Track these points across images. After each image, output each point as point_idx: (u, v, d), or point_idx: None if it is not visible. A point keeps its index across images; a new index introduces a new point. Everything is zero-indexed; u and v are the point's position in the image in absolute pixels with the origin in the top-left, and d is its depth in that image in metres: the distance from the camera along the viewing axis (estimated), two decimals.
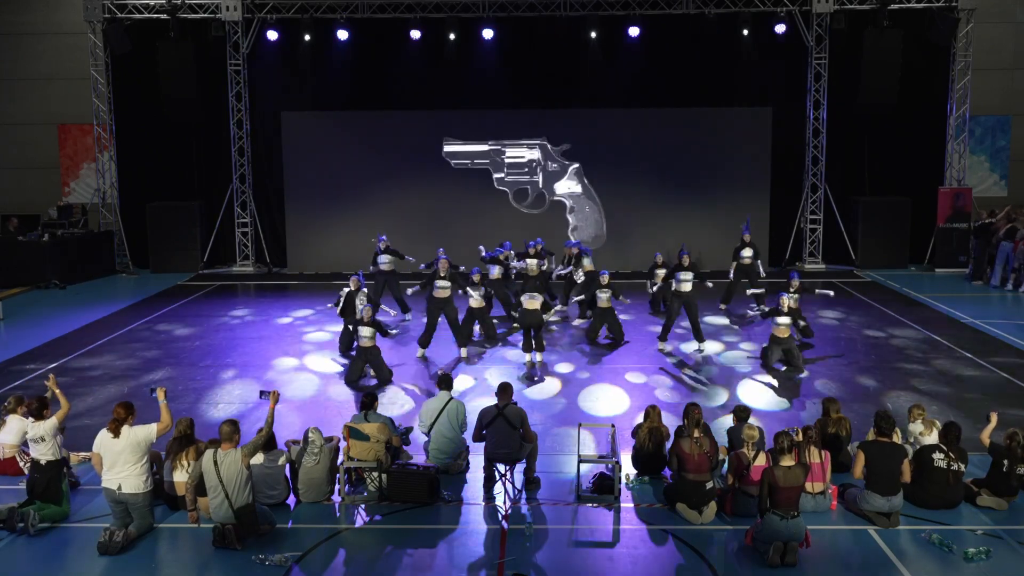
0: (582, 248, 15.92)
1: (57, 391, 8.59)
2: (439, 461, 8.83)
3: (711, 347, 13.63)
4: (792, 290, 12.75)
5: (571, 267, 15.53)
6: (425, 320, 13.56)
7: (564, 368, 12.68)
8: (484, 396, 11.01)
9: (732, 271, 16.02)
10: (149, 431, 7.65)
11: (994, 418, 8.63)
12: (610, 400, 11.30)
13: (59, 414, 8.32)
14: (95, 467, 7.74)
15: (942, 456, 7.99)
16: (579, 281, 14.84)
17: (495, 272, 15.05)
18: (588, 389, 11.74)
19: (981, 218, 19.16)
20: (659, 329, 13.98)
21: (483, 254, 15.53)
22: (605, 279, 13.84)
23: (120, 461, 7.51)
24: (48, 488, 7.94)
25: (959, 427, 8.20)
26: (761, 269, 16.02)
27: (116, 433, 7.55)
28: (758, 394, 11.47)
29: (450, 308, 13.36)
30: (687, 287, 13.44)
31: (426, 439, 9.11)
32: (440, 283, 13.38)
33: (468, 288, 13.50)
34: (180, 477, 8.03)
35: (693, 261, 13.99)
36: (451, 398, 9.12)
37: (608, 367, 12.76)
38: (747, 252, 15.94)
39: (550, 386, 11.89)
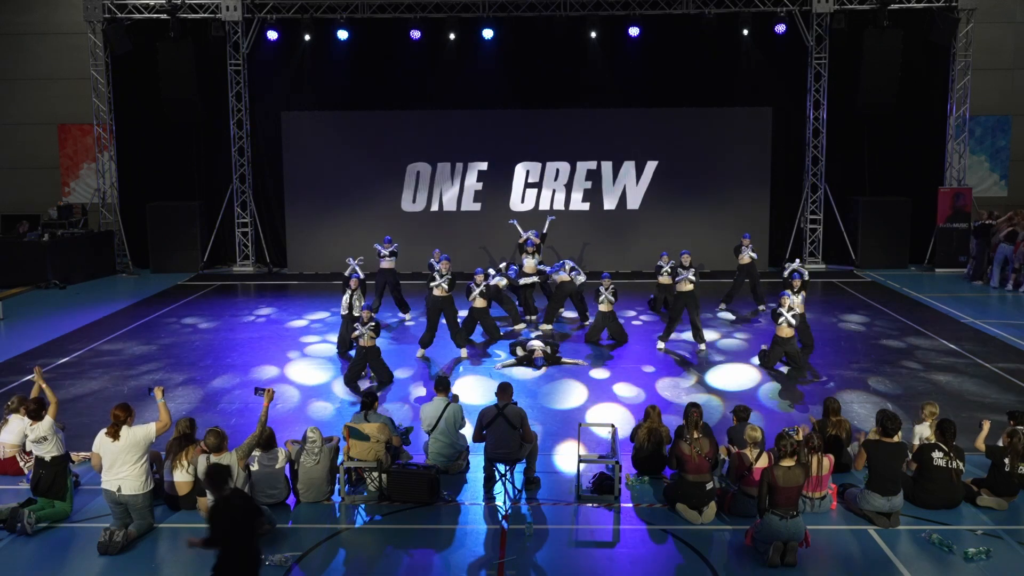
0: (551, 270, 15.73)
1: (44, 385, 8.58)
2: (438, 463, 8.83)
3: (717, 353, 13.63)
4: (795, 290, 12.72)
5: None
6: (425, 320, 13.57)
7: (568, 371, 12.69)
8: (488, 395, 11.03)
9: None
10: (148, 431, 7.64)
11: (986, 426, 8.62)
12: (612, 400, 11.31)
13: (50, 411, 8.29)
14: (95, 468, 7.74)
15: (942, 455, 7.99)
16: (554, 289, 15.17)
17: (499, 280, 15.09)
18: (591, 389, 11.75)
19: (981, 219, 19.16)
20: (658, 329, 13.98)
21: (492, 273, 15.24)
22: (607, 282, 13.86)
23: (119, 461, 7.51)
24: (54, 483, 7.93)
25: (954, 424, 8.22)
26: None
27: (115, 436, 7.54)
28: (761, 394, 11.48)
29: (450, 308, 13.35)
30: (688, 287, 13.46)
31: (426, 440, 9.11)
32: (439, 282, 13.37)
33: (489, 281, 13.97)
34: (180, 477, 8.03)
35: (695, 264, 14.01)
36: (448, 403, 9.10)
37: (612, 368, 12.76)
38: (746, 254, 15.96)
39: (554, 387, 11.90)
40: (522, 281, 15.61)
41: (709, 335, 14.01)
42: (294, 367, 12.95)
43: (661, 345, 13.65)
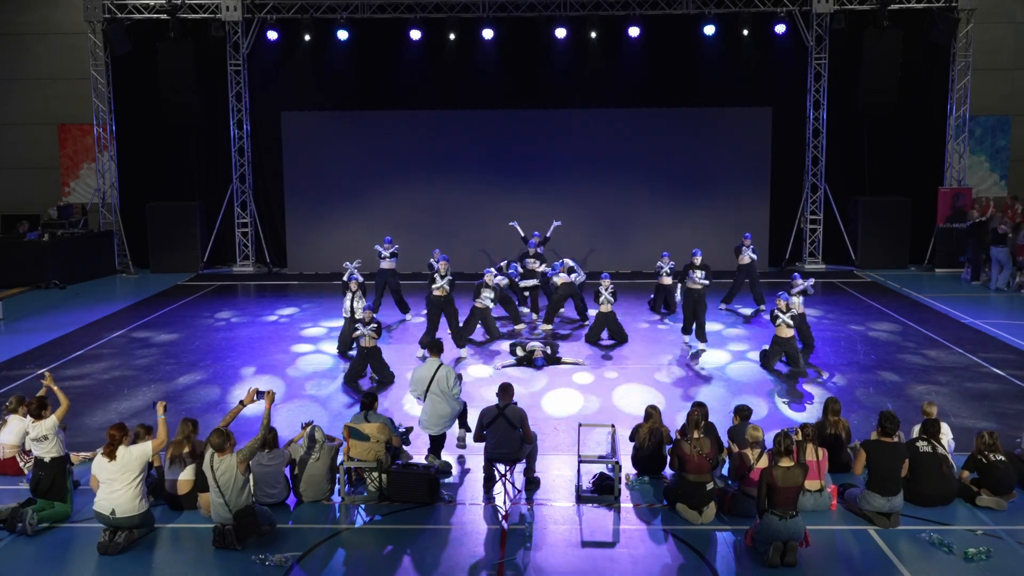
0: (551, 271, 15.71)
1: (55, 388, 8.59)
2: (437, 428, 8.90)
3: (717, 353, 13.63)
4: (794, 291, 12.74)
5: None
6: (425, 320, 13.57)
7: (572, 371, 12.69)
8: (489, 394, 11.03)
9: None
10: (145, 449, 7.58)
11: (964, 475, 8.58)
12: (614, 399, 11.31)
13: (59, 412, 8.30)
14: (92, 487, 7.66)
15: (925, 443, 8.07)
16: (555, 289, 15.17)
17: (501, 279, 15.08)
18: (593, 389, 11.75)
19: (972, 218, 19.11)
20: (657, 329, 13.96)
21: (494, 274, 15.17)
22: (606, 283, 13.87)
23: (116, 480, 7.44)
24: (53, 485, 7.91)
25: (937, 423, 8.29)
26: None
27: (111, 456, 7.46)
28: (764, 397, 11.48)
29: (450, 307, 13.35)
30: (698, 286, 13.53)
31: (423, 424, 9.14)
32: (440, 282, 13.38)
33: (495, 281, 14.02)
34: (181, 475, 8.02)
35: (705, 262, 14.06)
36: (441, 364, 9.15)
37: (613, 368, 12.76)
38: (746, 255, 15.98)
39: (559, 388, 11.89)
40: (523, 283, 15.63)
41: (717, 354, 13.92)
42: (294, 368, 12.95)
43: (686, 337, 13.79)
